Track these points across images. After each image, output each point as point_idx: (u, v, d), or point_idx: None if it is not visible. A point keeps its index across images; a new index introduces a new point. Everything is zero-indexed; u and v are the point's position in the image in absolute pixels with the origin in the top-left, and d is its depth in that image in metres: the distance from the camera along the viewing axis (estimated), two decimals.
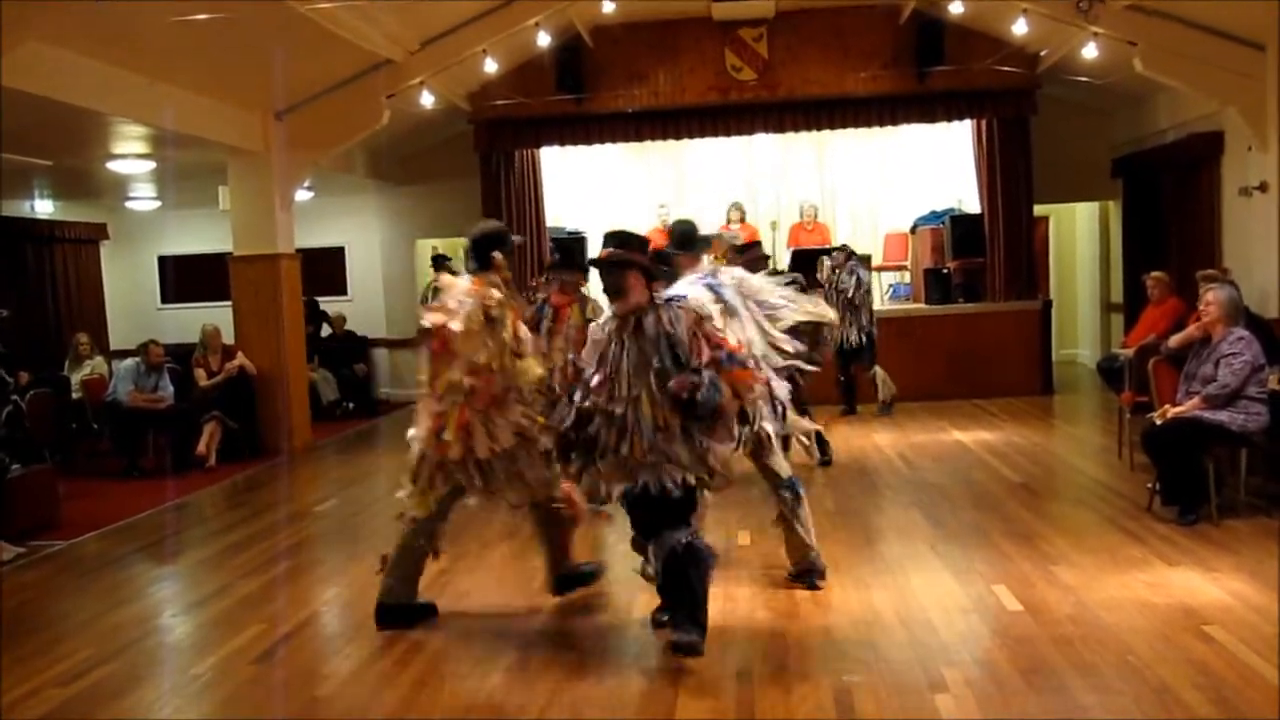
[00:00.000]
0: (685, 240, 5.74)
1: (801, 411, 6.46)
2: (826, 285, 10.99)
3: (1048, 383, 12.48)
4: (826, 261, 11.10)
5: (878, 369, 11.17)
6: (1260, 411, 6.37)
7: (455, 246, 14.10)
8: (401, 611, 5.26)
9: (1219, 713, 3.91)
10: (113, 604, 6.07)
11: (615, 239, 4.73)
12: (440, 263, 12.03)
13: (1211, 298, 6.62)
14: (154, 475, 9.89)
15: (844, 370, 11.28)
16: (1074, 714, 3.98)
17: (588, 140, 13.18)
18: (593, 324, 5.08)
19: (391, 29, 9.98)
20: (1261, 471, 6.97)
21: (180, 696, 4.66)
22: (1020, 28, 10.21)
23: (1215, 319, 6.55)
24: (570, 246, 7.59)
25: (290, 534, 7.58)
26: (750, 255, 7.44)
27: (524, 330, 5.26)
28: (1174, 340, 7.07)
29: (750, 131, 13.07)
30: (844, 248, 11.54)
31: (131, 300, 15.22)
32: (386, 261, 14.78)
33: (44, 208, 14.16)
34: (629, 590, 5.73)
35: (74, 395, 10.85)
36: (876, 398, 11.26)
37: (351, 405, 13.65)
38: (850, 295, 10.89)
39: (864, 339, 10.94)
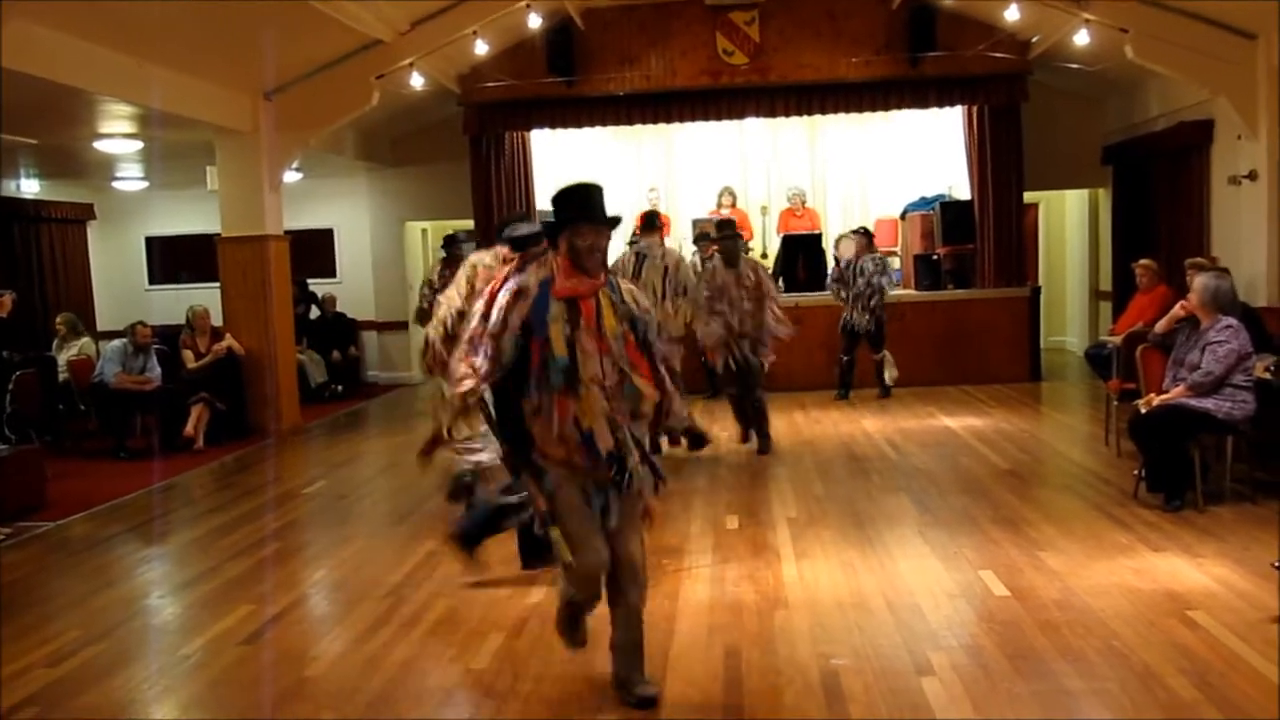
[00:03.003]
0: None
1: None
2: (846, 269, 11.11)
3: (1036, 369, 12.52)
4: (849, 244, 11.29)
5: (886, 353, 11.30)
6: (1246, 400, 6.40)
7: (444, 229, 14.07)
8: None
9: (1203, 697, 3.94)
10: (101, 585, 6.06)
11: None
12: (453, 242, 11.97)
13: (1194, 286, 6.66)
14: (141, 456, 9.86)
15: (847, 351, 11.39)
16: (1059, 698, 4.01)
17: (578, 123, 13.12)
18: None
19: (381, 9, 9.93)
20: (1246, 459, 7.00)
21: (168, 677, 4.66)
22: (1012, 14, 10.21)
23: (1196, 306, 6.58)
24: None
25: (278, 516, 7.57)
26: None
27: None
28: (1159, 325, 7.09)
29: (741, 115, 13.04)
30: (865, 231, 11.60)
31: (119, 281, 15.15)
32: (375, 244, 14.73)
33: (30, 187, 14.06)
34: None
35: (61, 376, 10.80)
36: (879, 380, 11.44)
37: (340, 388, 13.61)
38: (869, 279, 11.00)
39: (874, 324, 11.08)
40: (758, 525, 6.57)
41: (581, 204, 4.01)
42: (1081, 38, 10.03)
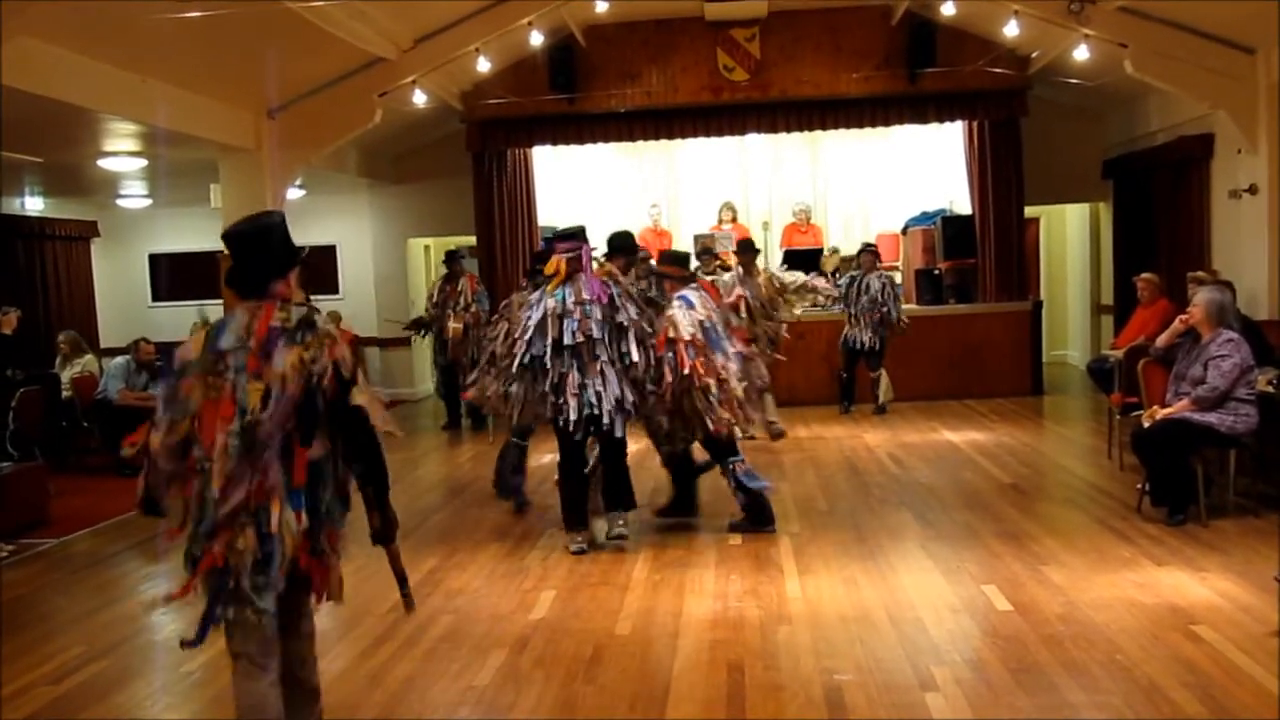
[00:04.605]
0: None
1: None
2: (847, 285, 11.18)
3: (1038, 383, 12.52)
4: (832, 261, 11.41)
5: (883, 372, 11.30)
6: (1249, 413, 6.40)
7: (447, 245, 14.14)
8: None
9: (1206, 711, 3.93)
10: (103, 601, 6.06)
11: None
12: (454, 258, 12.04)
13: (1197, 300, 6.67)
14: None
15: (847, 368, 11.43)
16: (1063, 712, 4.00)
17: (580, 140, 13.17)
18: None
19: (384, 27, 9.98)
20: (1249, 472, 7.00)
21: (171, 694, 4.66)
22: (1011, 29, 10.25)
23: (1199, 320, 6.59)
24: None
25: None
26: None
27: None
28: (1161, 339, 7.09)
29: (743, 131, 13.08)
30: (872, 248, 11.65)
31: (122, 298, 15.17)
32: (378, 260, 14.75)
33: (34, 205, 14.10)
34: (618, 590, 5.75)
35: (64, 393, 10.81)
36: (875, 399, 11.47)
37: None
38: (874, 296, 11.08)
39: (877, 342, 11.12)
40: (760, 540, 6.56)
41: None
42: (1081, 53, 10.06)
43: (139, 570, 6.93)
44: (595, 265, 6.56)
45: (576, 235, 6.49)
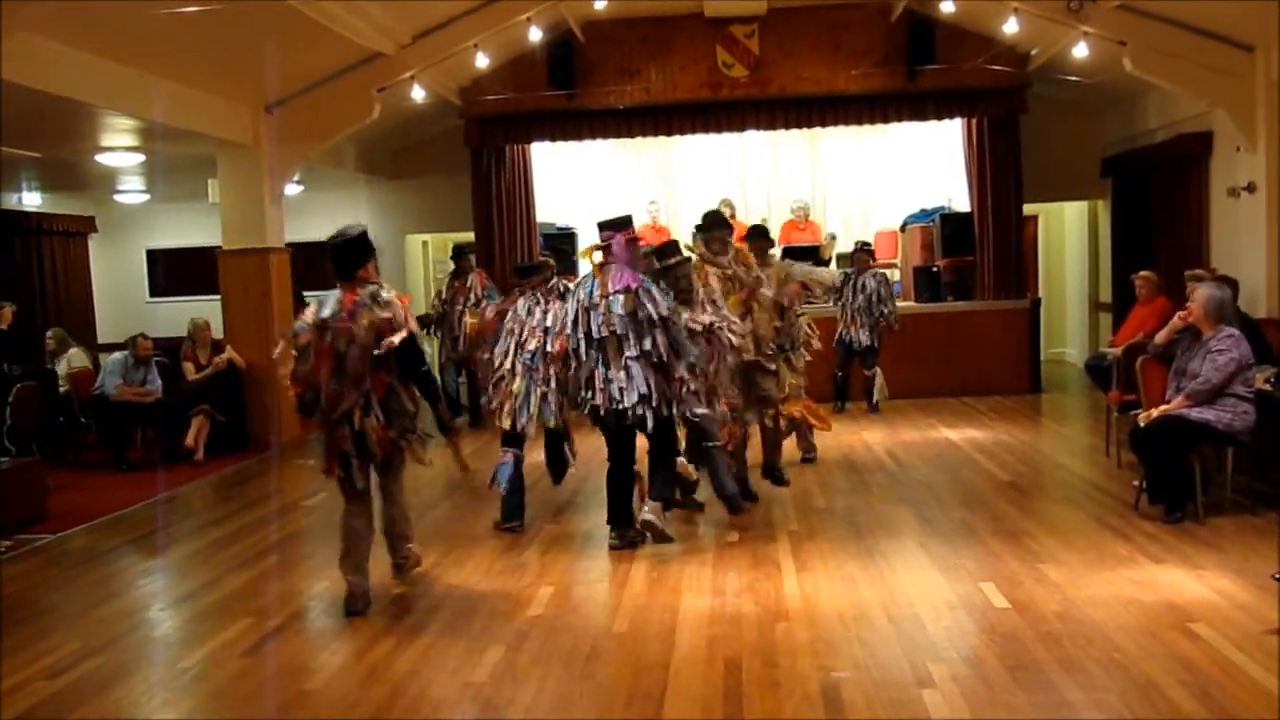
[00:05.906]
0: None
1: None
2: (845, 284, 11.17)
3: (1036, 381, 12.52)
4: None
5: (878, 370, 11.31)
6: (1247, 410, 6.40)
7: (445, 241, 14.11)
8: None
9: (1203, 709, 3.94)
10: (101, 597, 6.05)
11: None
12: (462, 254, 12.01)
13: (1195, 296, 6.66)
14: (141, 468, 9.85)
15: (843, 366, 11.43)
16: (1060, 710, 4.00)
17: (579, 136, 13.16)
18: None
19: (383, 22, 9.96)
20: (1247, 470, 7.00)
21: (168, 690, 4.66)
22: (1011, 26, 10.23)
23: (1197, 317, 6.59)
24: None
25: (279, 528, 7.57)
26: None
27: None
28: (1159, 336, 7.09)
29: (741, 128, 13.07)
30: (867, 247, 11.64)
31: (120, 293, 15.15)
32: (376, 256, 14.70)
33: (32, 200, 14.09)
34: (616, 587, 5.75)
35: (61, 388, 10.79)
36: (868, 396, 11.46)
37: None
38: (869, 295, 11.12)
39: (875, 340, 11.13)
40: (758, 538, 6.56)
41: None
42: (1080, 50, 10.04)
43: (136, 566, 6.92)
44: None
45: (619, 224, 6.31)
